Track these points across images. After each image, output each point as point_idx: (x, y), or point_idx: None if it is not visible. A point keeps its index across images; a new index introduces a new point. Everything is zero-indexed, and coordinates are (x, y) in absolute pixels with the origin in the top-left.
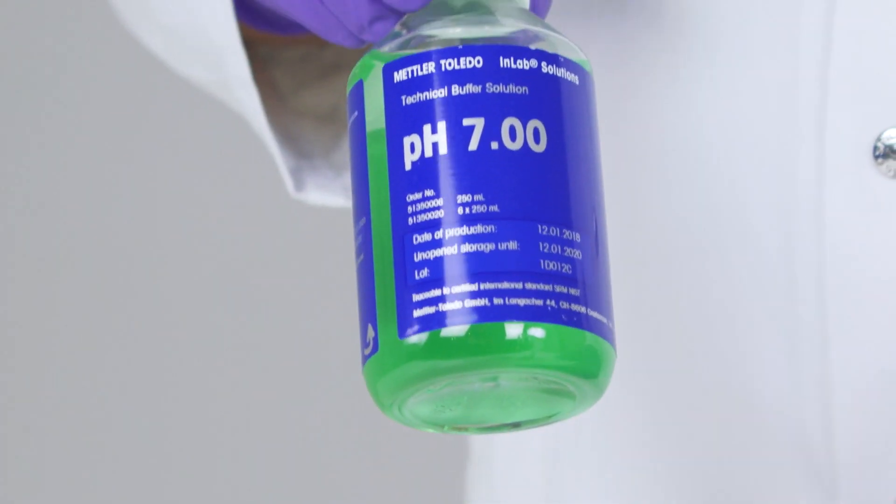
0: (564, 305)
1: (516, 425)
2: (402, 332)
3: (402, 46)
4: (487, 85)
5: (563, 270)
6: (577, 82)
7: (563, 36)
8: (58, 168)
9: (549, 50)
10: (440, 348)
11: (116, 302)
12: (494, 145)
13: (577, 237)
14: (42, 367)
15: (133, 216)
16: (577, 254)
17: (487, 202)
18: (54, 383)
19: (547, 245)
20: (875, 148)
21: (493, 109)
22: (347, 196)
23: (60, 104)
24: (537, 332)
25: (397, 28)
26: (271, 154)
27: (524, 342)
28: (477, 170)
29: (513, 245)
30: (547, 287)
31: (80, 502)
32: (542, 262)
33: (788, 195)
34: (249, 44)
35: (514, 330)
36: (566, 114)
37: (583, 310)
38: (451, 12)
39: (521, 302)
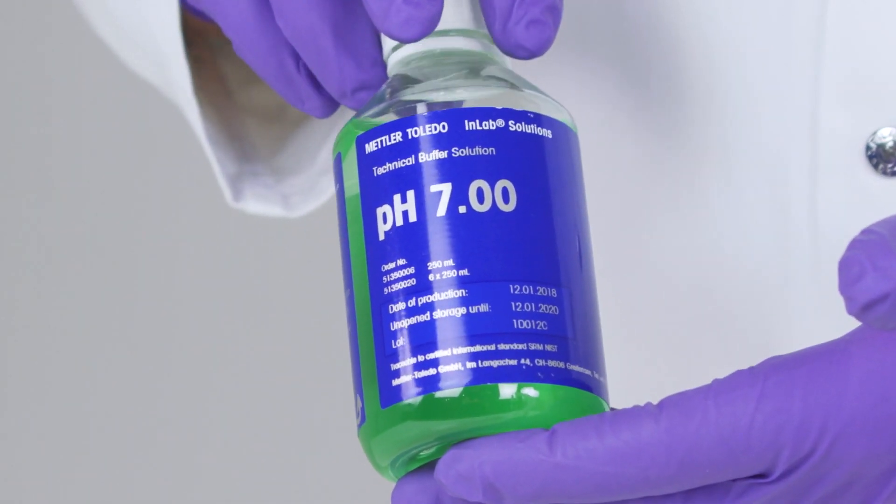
0: (540, 363)
1: None
2: (383, 402)
3: (383, 112)
4: (453, 149)
5: (538, 327)
6: (551, 136)
7: (543, 93)
8: (57, 168)
9: (519, 108)
10: (430, 411)
11: (115, 302)
12: (462, 209)
13: (554, 292)
14: (37, 369)
15: (133, 217)
16: (553, 309)
17: (457, 266)
18: (48, 385)
19: (520, 304)
20: (868, 147)
21: (460, 173)
22: (286, 205)
23: (60, 105)
24: (530, 391)
25: (383, 90)
26: (210, 163)
27: (517, 401)
28: (445, 235)
29: (484, 307)
30: (521, 346)
31: (78, 502)
32: (514, 321)
33: (782, 196)
34: (200, 32)
35: (507, 390)
36: (538, 170)
37: (561, 365)
38: (434, 75)
39: (495, 363)
